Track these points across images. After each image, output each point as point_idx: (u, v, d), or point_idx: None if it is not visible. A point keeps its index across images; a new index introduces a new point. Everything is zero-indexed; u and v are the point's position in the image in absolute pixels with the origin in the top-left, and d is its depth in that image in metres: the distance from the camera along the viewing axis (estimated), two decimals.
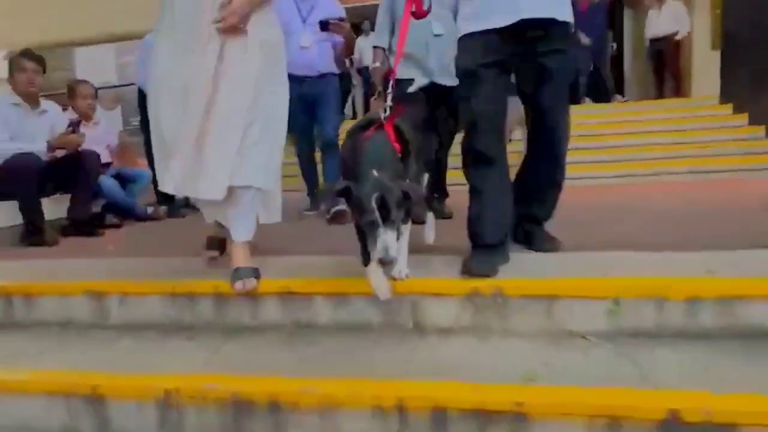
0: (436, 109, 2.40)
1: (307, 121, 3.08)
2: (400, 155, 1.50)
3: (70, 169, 2.91)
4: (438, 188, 2.69)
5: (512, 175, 1.77)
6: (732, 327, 1.35)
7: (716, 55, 6.24)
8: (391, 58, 2.58)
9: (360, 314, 1.56)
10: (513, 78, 1.71)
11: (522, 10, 1.53)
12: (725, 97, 6.09)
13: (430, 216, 2.01)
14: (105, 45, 9.79)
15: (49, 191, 2.97)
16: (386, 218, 1.28)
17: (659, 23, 6.89)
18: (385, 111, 1.55)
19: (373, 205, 1.27)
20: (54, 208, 3.02)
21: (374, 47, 2.73)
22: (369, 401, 1.18)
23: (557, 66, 1.63)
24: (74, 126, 2.93)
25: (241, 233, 1.70)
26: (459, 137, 1.82)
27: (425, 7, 1.74)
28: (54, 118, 3.02)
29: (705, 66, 6.85)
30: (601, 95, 7.20)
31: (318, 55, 2.97)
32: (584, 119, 6.19)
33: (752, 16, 5.55)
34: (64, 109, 3.49)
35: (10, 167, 2.64)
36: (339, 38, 2.94)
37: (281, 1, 2.87)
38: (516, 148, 4.22)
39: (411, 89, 2.43)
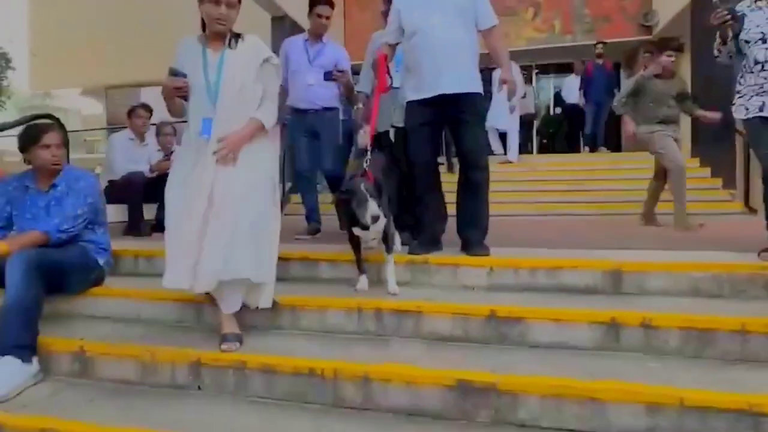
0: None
1: (309, 151, 3.61)
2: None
3: (161, 186, 4.11)
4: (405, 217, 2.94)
5: None
6: (557, 285, 2.35)
7: None
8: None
9: (346, 273, 2.61)
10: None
11: (442, 87, 2.56)
12: (695, 152, 7.03)
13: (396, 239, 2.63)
14: None
15: (145, 200, 4.18)
16: (371, 196, 2.11)
17: None
18: (366, 163, 2.45)
19: (363, 189, 2.14)
20: (146, 211, 4.22)
21: (357, 92, 3.35)
22: (343, 305, 2.23)
23: (469, 121, 2.61)
24: (167, 155, 4.17)
25: (230, 307, 2.12)
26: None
27: (389, 84, 2.73)
28: (152, 149, 4.28)
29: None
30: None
31: (321, 92, 3.50)
32: (569, 165, 7.24)
33: (712, 79, 6.48)
34: None
35: (125, 181, 3.87)
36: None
37: (292, 44, 3.60)
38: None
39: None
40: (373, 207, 2.12)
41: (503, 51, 2.76)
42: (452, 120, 2.69)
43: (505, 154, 7.68)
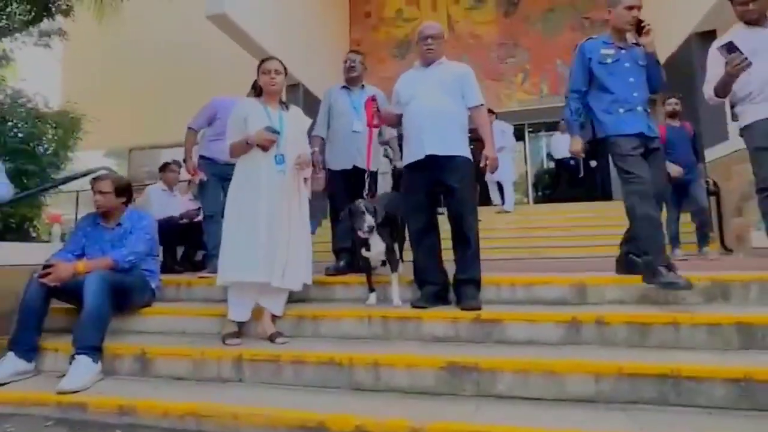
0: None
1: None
2: None
3: (189, 231, 4.70)
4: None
5: None
6: (532, 298, 2.83)
7: None
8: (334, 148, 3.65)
9: (358, 293, 3.11)
10: None
11: (426, 149, 2.77)
12: None
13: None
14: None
15: (177, 243, 4.76)
16: (368, 212, 2.71)
17: None
18: (368, 192, 3.11)
19: (362, 208, 2.72)
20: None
21: (313, 136, 3.55)
22: (355, 314, 2.72)
23: (458, 185, 2.79)
24: (196, 210, 4.78)
25: (279, 310, 2.83)
26: None
27: (375, 122, 3.17)
28: (180, 199, 4.91)
29: None
30: None
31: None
32: (559, 214, 7.80)
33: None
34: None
35: (161, 226, 4.44)
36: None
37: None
38: None
39: None
40: (368, 218, 2.71)
41: (486, 128, 2.97)
42: (441, 185, 2.88)
43: (503, 204, 8.28)
